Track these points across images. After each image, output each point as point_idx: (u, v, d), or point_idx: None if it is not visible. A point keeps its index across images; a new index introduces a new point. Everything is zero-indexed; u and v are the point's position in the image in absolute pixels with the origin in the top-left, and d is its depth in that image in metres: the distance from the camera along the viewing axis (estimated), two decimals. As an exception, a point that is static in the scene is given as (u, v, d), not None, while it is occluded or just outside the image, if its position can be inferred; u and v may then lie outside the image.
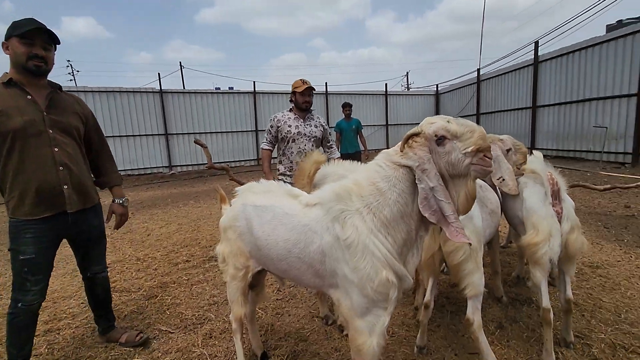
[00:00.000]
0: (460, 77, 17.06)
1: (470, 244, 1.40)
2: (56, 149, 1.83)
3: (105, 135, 2.24)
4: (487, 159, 1.22)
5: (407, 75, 32.02)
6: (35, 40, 1.75)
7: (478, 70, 14.57)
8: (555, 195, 2.03)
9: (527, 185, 2.15)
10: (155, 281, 3.29)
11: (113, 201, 2.19)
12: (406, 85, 31.64)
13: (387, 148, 1.43)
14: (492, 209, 2.15)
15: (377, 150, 3.05)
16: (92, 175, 2.14)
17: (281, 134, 3.42)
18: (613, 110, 8.54)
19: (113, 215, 2.19)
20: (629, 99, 8.11)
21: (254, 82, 14.61)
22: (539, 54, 11.01)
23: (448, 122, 1.25)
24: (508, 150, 2.31)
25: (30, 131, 1.76)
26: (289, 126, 3.40)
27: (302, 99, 3.39)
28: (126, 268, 3.65)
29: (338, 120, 6.77)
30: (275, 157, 3.57)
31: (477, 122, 12.26)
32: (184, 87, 18.47)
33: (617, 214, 4.86)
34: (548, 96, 10.71)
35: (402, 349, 2.13)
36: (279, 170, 3.52)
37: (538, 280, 1.90)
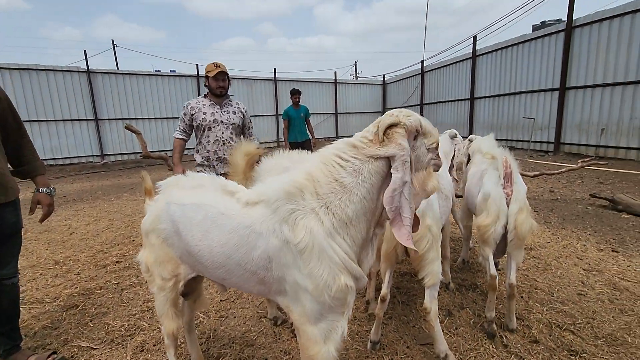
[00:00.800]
0: (405, 67, 17.60)
1: (416, 251, 1.41)
2: None
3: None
4: (438, 153, 1.29)
5: (355, 64, 32.44)
6: None
7: (422, 62, 15.11)
8: (508, 178, 2.17)
9: (487, 171, 2.30)
10: (76, 288, 2.86)
11: (37, 191, 1.90)
12: (354, 75, 32.03)
13: (337, 136, 1.29)
14: (446, 194, 2.23)
15: (327, 139, 2.97)
16: (10, 165, 1.86)
17: (196, 122, 3.16)
18: (539, 103, 9.34)
19: (38, 207, 1.90)
20: (552, 93, 8.91)
21: (197, 65, 13.70)
22: (477, 48, 11.66)
23: (416, 117, 1.22)
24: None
25: None
26: (204, 113, 3.15)
27: (215, 84, 3.14)
28: (40, 274, 3.14)
29: (286, 108, 6.53)
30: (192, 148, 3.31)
31: (421, 112, 12.87)
32: (117, 68, 16.78)
33: (544, 198, 5.30)
34: (485, 88, 11.42)
35: (355, 346, 2.05)
36: (196, 161, 3.27)
37: (486, 254, 2.13)
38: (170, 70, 14.16)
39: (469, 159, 2.93)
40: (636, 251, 3.23)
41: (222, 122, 3.19)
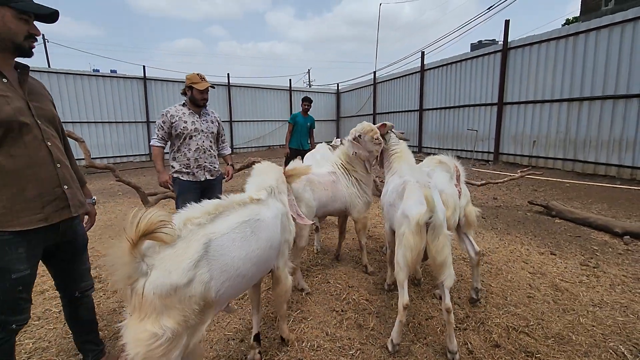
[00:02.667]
0: (358, 77, 18.14)
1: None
2: (49, 143, 1.53)
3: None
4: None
5: (309, 72, 32.80)
6: (31, 17, 1.46)
7: (374, 73, 15.70)
8: (457, 179, 2.70)
9: (434, 171, 2.71)
10: None
11: None
12: (308, 82, 32.38)
13: None
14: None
15: (282, 147, 2.98)
16: None
17: (176, 131, 3.23)
18: (481, 116, 10.16)
19: (86, 217, 1.90)
20: (491, 107, 9.74)
21: (144, 66, 12.90)
22: (425, 62, 12.39)
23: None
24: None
25: (22, 121, 1.43)
26: (185, 122, 3.25)
27: (200, 96, 3.27)
28: (-39, 306, 2.70)
29: (294, 113, 6.47)
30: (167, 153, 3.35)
31: (374, 122, 13.28)
32: (49, 66, 15.25)
33: (489, 205, 5.74)
34: (432, 101, 12.16)
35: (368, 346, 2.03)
36: (173, 168, 3.30)
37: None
38: (111, 71, 13.17)
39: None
40: (570, 253, 3.61)
41: (202, 131, 3.30)
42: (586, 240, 3.96)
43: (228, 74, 15.10)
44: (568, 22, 19.75)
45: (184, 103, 3.34)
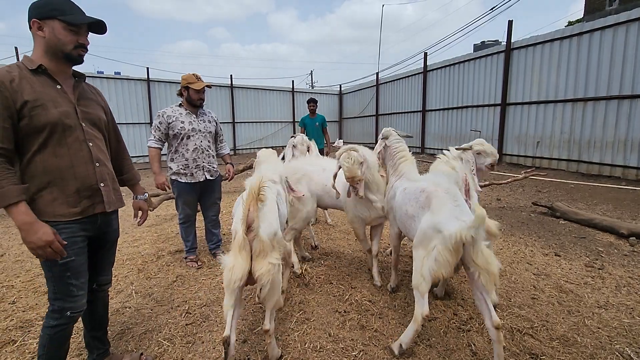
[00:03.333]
0: (361, 78, 18.14)
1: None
2: (91, 144, 1.68)
3: None
4: None
5: (311, 73, 32.84)
6: (81, 28, 1.60)
7: (377, 74, 15.69)
8: (467, 193, 2.43)
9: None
10: (12, 320, 2.51)
11: (136, 198, 2.05)
12: (310, 84, 32.42)
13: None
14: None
15: (283, 147, 2.99)
16: (115, 173, 1.94)
17: (173, 131, 3.24)
18: (484, 117, 10.12)
19: (139, 212, 2.06)
20: (495, 108, 9.70)
21: (148, 68, 12.98)
22: (427, 63, 12.37)
23: None
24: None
25: (66, 124, 1.58)
26: (182, 122, 3.26)
27: (197, 96, 3.29)
28: (-35, 306, 2.72)
29: (303, 116, 6.58)
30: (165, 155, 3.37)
31: (376, 123, 13.25)
32: (53, 68, 15.34)
33: (492, 206, 5.71)
34: (435, 102, 12.13)
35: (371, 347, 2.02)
36: (171, 169, 3.32)
37: None
38: (115, 72, 13.26)
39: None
40: (575, 255, 3.58)
41: (200, 130, 3.31)
42: (591, 242, 3.93)
43: (231, 75, 15.17)
44: (570, 23, 19.67)
45: (180, 104, 3.36)
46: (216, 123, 3.53)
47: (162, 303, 2.75)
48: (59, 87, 1.61)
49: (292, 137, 4.16)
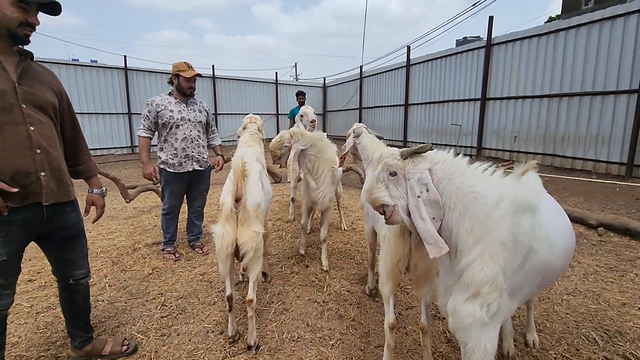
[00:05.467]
0: (345, 72, 18.09)
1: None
2: (32, 128, 1.53)
3: None
4: None
5: (295, 65, 32.51)
6: (32, 5, 1.49)
7: (361, 67, 15.67)
8: None
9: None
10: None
11: (91, 192, 1.95)
12: (295, 76, 32.13)
13: None
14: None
15: (268, 140, 2.96)
16: (68, 165, 1.81)
17: (162, 120, 3.18)
18: (464, 111, 10.28)
19: (92, 208, 1.95)
20: (475, 102, 9.87)
21: (125, 56, 12.50)
22: (410, 57, 12.44)
23: None
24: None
25: (1, 104, 1.45)
26: (171, 111, 3.20)
27: (187, 85, 3.22)
28: None
29: (292, 108, 6.54)
30: (155, 145, 3.33)
31: (360, 116, 13.25)
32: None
33: (471, 198, 5.83)
34: (417, 96, 12.23)
35: None
36: (160, 158, 3.26)
37: None
38: (91, 60, 12.74)
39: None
40: (547, 245, 3.70)
41: (189, 120, 3.25)
42: (562, 232, 4.07)
43: (213, 66, 14.81)
44: (550, 19, 20.17)
45: (170, 92, 3.29)
46: (207, 113, 3.46)
47: (136, 296, 2.68)
48: None
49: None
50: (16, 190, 1.48)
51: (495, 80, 9.20)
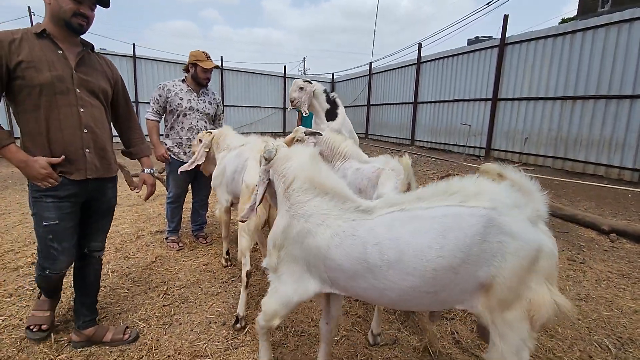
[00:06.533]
0: (354, 67, 17.96)
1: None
2: (82, 110, 1.73)
3: None
4: None
5: (304, 60, 32.33)
6: None
7: (370, 63, 15.52)
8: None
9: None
10: (-22, 296, 2.38)
11: (143, 171, 2.13)
12: (303, 70, 31.97)
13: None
14: None
15: (274, 134, 2.93)
16: (123, 146, 2.12)
17: (170, 106, 3.14)
18: (474, 111, 10.14)
19: (144, 185, 2.13)
20: (486, 102, 9.72)
21: (134, 44, 12.49)
22: (421, 55, 12.28)
23: None
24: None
25: (58, 87, 1.65)
26: (180, 99, 3.15)
27: (204, 75, 3.18)
28: None
29: None
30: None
31: (367, 113, 13.13)
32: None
33: (479, 199, 5.74)
34: (427, 94, 12.09)
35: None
36: (165, 145, 3.24)
37: None
38: (100, 48, 12.72)
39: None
40: (558, 248, 3.60)
41: (197, 110, 3.21)
42: (574, 236, 3.98)
43: (221, 57, 14.74)
44: (563, 21, 19.82)
45: (183, 79, 3.25)
46: (217, 105, 3.41)
47: (139, 283, 2.65)
48: (60, 52, 1.68)
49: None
50: (61, 159, 1.67)
51: (508, 80, 9.04)
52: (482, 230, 1.15)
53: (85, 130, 1.74)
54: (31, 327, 1.96)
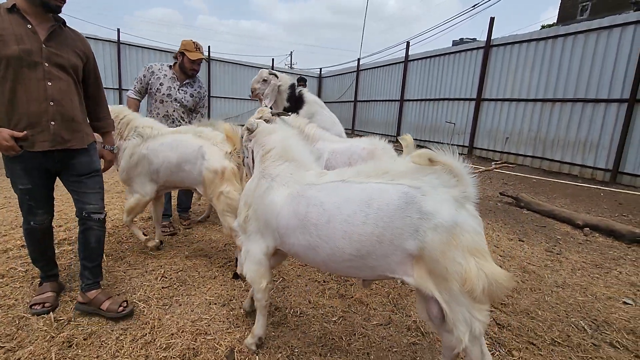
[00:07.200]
0: (343, 63, 17.99)
1: None
2: (49, 83, 1.77)
3: None
4: None
5: (291, 54, 32.16)
6: None
7: (358, 60, 15.62)
8: None
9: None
10: None
11: (103, 147, 2.24)
12: (290, 65, 31.77)
13: None
14: None
15: None
16: (89, 119, 2.11)
17: (151, 89, 3.13)
18: (459, 110, 10.41)
19: (101, 160, 2.23)
20: (470, 102, 10.00)
21: (119, 29, 12.11)
22: (409, 53, 12.47)
23: None
24: None
25: (26, 61, 1.70)
26: (161, 84, 3.13)
27: (190, 66, 3.15)
28: None
29: None
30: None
31: (354, 109, 13.20)
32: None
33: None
34: (413, 92, 12.30)
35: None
36: None
37: None
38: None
39: None
40: (536, 241, 3.83)
41: (175, 99, 3.16)
42: (551, 230, 4.21)
43: (209, 47, 14.49)
44: (543, 27, 20.48)
45: (171, 65, 3.23)
46: (200, 99, 3.35)
47: (135, 267, 2.65)
48: (29, 26, 1.71)
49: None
50: (23, 134, 1.74)
51: (492, 81, 9.33)
52: (403, 206, 1.31)
53: (52, 103, 1.78)
54: (34, 306, 1.99)
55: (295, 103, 3.67)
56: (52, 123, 1.79)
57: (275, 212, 1.57)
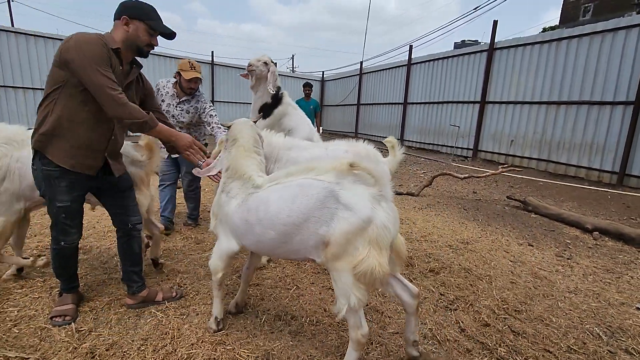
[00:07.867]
0: (345, 66, 18.05)
1: None
2: (118, 123, 1.99)
3: None
4: None
5: (292, 58, 32.29)
6: (156, 33, 2.00)
7: (361, 63, 15.67)
8: None
9: None
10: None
11: None
12: (292, 68, 31.91)
13: None
14: None
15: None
16: None
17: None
18: (463, 113, 10.43)
19: None
20: (474, 105, 10.01)
21: (122, 36, 12.17)
22: (412, 56, 12.50)
23: None
24: None
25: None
26: (162, 100, 3.32)
27: (187, 85, 3.29)
28: None
29: (297, 99, 6.50)
30: None
31: (357, 112, 13.24)
32: (12, 25, 14.14)
33: (469, 198, 5.96)
34: (417, 95, 12.33)
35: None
36: None
37: None
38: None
39: None
40: (546, 245, 3.83)
41: (172, 116, 3.32)
42: (559, 234, 4.21)
43: (212, 52, 14.60)
44: (544, 30, 20.48)
45: (174, 83, 3.39)
46: (197, 113, 3.42)
47: (150, 276, 2.68)
48: (121, 67, 1.95)
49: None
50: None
51: (496, 84, 9.35)
52: (322, 198, 1.54)
53: (113, 138, 2.02)
54: (54, 318, 2.03)
55: (273, 101, 3.79)
56: (107, 155, 2.02)
57: (231, 221, 1.88)
